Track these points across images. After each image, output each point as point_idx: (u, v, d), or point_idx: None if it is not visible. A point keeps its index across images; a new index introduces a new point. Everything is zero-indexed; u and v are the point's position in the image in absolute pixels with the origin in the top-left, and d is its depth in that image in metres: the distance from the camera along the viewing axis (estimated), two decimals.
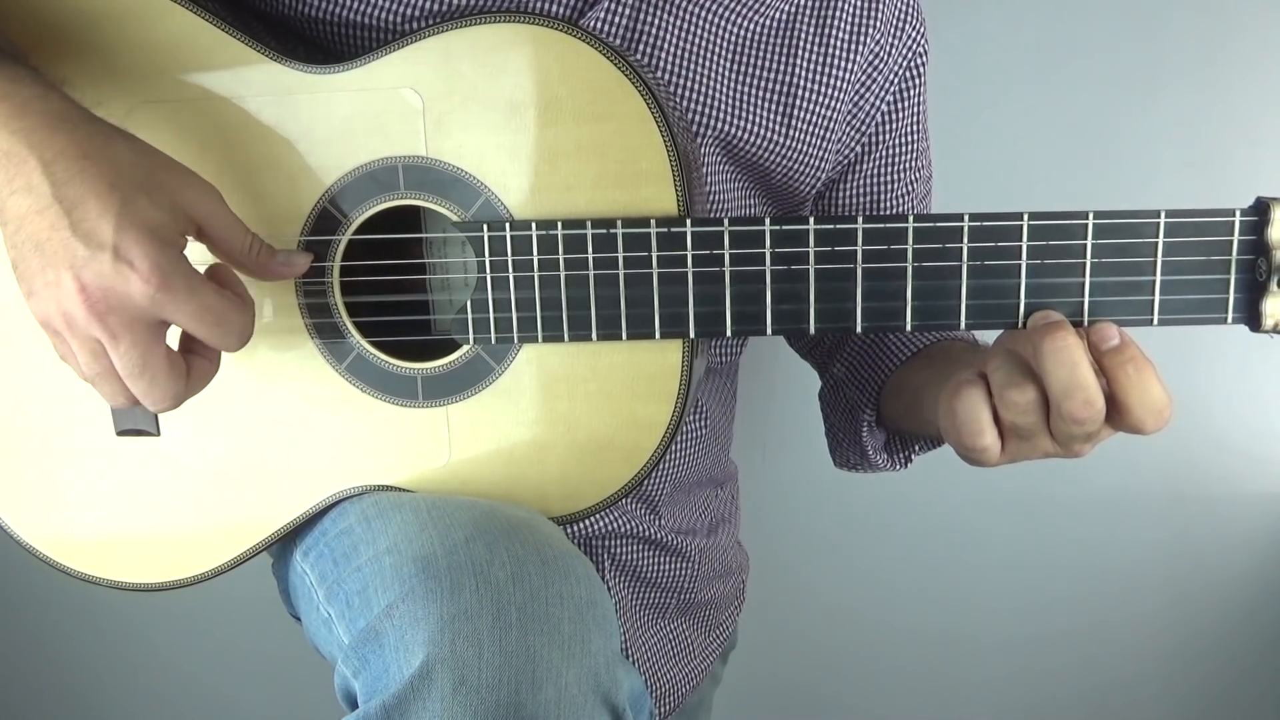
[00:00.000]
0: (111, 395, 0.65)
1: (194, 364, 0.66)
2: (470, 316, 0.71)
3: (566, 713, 0.58)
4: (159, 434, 0.77)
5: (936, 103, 0.95)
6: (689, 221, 0.67)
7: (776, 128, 0.83)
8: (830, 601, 1.52)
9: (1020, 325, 0.65)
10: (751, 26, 0.82)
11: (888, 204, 0.91)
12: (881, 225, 0.66)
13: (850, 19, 0.85)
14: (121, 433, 0.77)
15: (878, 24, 0.86)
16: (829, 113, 0.85)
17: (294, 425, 0.76)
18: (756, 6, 0.81)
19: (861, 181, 0.90)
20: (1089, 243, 0.64)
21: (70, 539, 0.79)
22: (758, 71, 0.82)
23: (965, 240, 0.65)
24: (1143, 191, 1.30)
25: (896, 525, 1.47)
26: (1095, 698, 1.54)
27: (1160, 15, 1.26)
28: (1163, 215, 0.63)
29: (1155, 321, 0.64)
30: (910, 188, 0.92)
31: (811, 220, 0.66)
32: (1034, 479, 1.33)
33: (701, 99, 0.80)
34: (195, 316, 0.62)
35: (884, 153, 0.90)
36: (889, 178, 0.91)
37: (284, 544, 0.83)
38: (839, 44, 0.84)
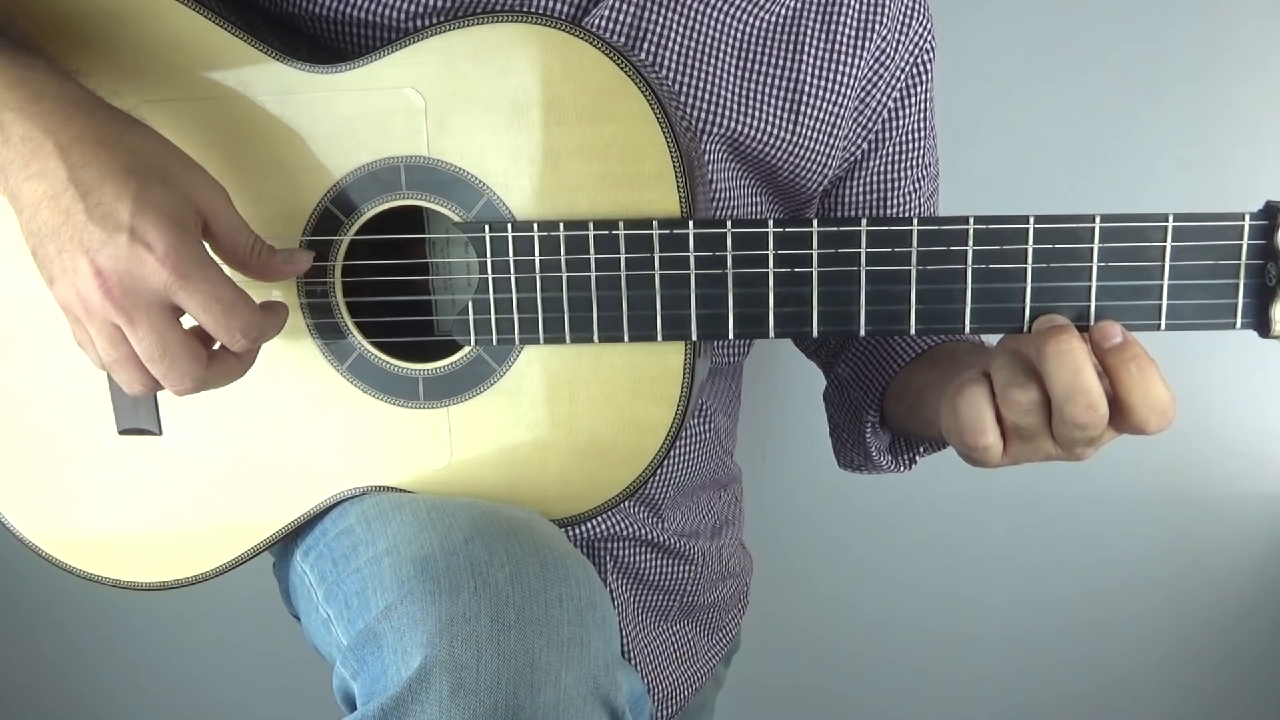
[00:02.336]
0: (128, 382, 0.64)
1: (216, 353, 0.66)
2: (472, 317, 0.71)
3: (565, 715, 0.58)
4: (161, 433, 0.77)
5: (939, 103, 0.94)
6: (691, 223, 0.67)
7: (783, 125, 0.82)
8: (833, 603, 1.51)
9: (1025, 330, 0.65)
10: (756, 23, 0.81)
11: (894, 201, 0.91)
12: (886, 228, 0.65)
13: (856, 15, 0.84)
14: (124, 431, 0.77)
15: (884, 20, 0.85)
16: (836, 109, 0.84)
17: (295, 425, 0.75)
18: (762, 3, 0.81)
19: (868, 179, 0.90)
20: (1095, 246, 0.63)
21: (72, 537, 0.79)
22: (763, 69, 0.82)
23: (970, 243, 0.64)
24: (1144, 192, 1.30)
25: (899, 526, 1.47)
26: (1095, 697, 1.54)
27: (1163, 17, 1.26)
28: (1171, 219, 0.62)
29: (1163, 326, 0.64)
30: (917, 185, 0.92)
31: (815, 222, 0.66)
32: (1035, 479, 1.33)
33: (707, 96, 0.79)
34: (204, 305, 0.61)
35: (890, 150, 0.90)
36: (895, 175, 0.90)
37: (284, 544, 0.82)
38: (845, 40, 0.84)
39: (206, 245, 0.65)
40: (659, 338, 0.69)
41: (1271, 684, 1.52)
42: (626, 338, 0.69)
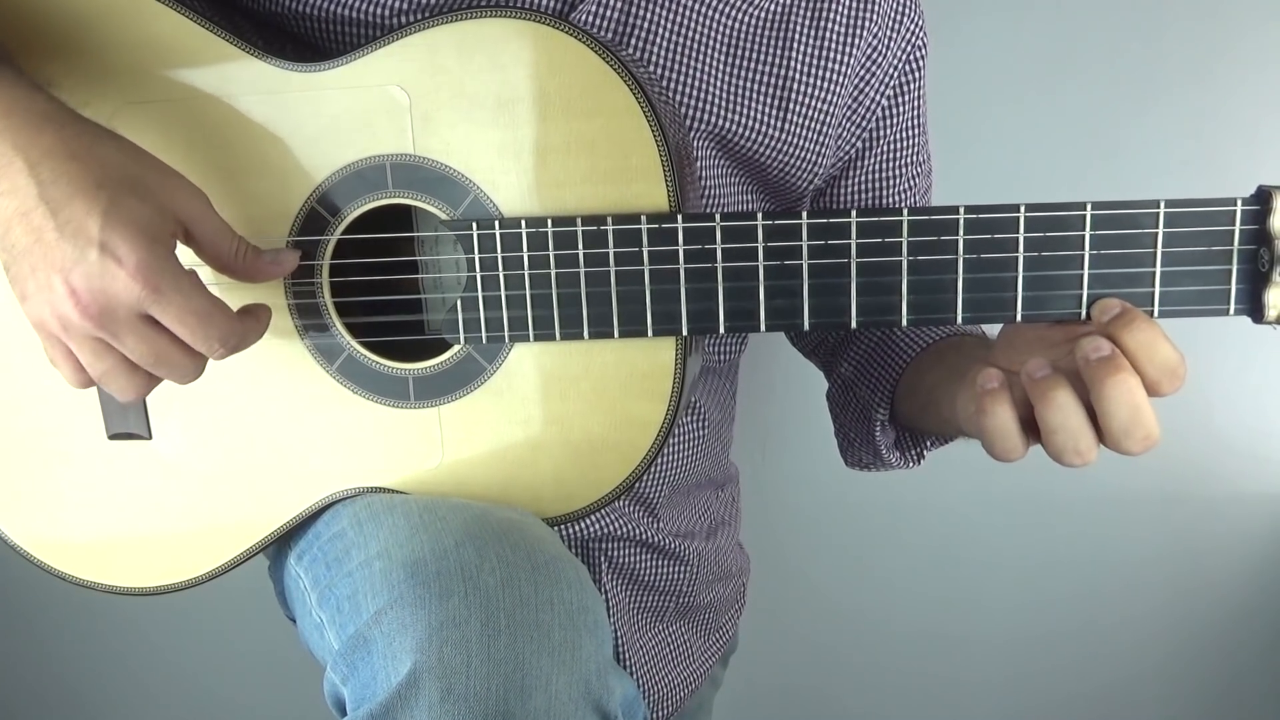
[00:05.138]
0: (121, 390, 0.64)
1: None
2: (460, 316, 0.70)
3: None
4: (151, 437, 0.76)
5: (935, 101, 0.94)
6: (680, 217, 0.66)
7: (771, 122, 0.82)
8: (832, 603, 1.51)
9: (1017, 318, 0.65)
10: (746, 19, 0.81)
11: (889, 200, 0.91)
12: (876, 219, 0.65)
13: (846, 12, 0.84)
14: (113, 436, 0.76)
15: (874, 18, 0.85)
16: (825, 106, 0.84)
17: (286, 427, 0.75)
18: None
19: (863, 178, 0.90)
20: (1087, 234, 0.63)
21: (64, 543, 0.79)
22: (752, 65, 0.81)
23: (961, 233, 0.64)
24: (1143, 192, 1.29)
25: (898, 526, 1.47)
26: (1095, 698, 1.53)
27: (1161, 16, 1.26)
28: (1162, 205, 0.62)
29: (1156, 313, 0.63)
30: (912, 183, 0.92)
31: (804, 214, 0.65)
32: (1034, 479, 1.32)
33: (695, 92, 0.79)
34: (179, 317, 0.61)
35: (885, 148, 0.89)
36: (890, 173, 0.90)
37: (279, 546, 0.82)
38: (834, 37, 0.83)
39: (190, 251, 0.65)
40: (649, 333, 0.68)
41: (1271, 684, 1.51)
42: (617, 333, 0.69)
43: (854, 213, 0.65)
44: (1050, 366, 0.62)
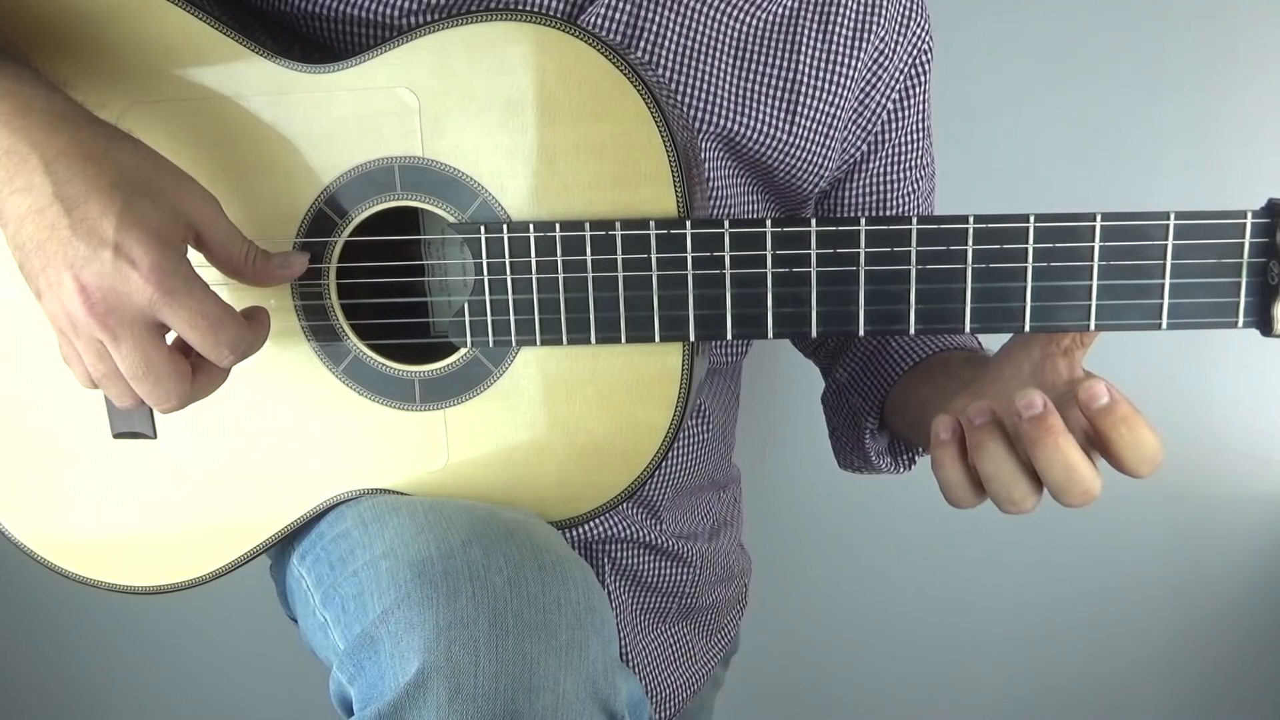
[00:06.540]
0: (118, 396, 0.64)
1: (200, 366, 0.65)
2: (468, 319, 0.70)
3: None
4: (156, 437, 0.76)
5: (939, 103, 0.94)
6: (688, 223, 0.66)
7: (779, 125, 0.82)
8: (833, 604, 1.51)
9: (1025, 328, 0.65)
10: (753, 22, 0.81)
11: (893, 202, 0.91)
12: (885, 227, 0.64)
13: (853, 16, 0.84)
14: (118, 435, 0.76)
15: (882, 21, 0.85)
16: (833, 109, 0.84)
17: (291, 428, 0.75)
18: (759, 1, 0.81)
19: (867, 180, 0.90)
20: (1096, 245, 0.63)
21: (67, 541, 0.79)
22: (760, 68, 0.81)
23: (970, 242, 0.64)
24: (1145, 193, 1.30)
25: (899, 527, 1.47)
26: (1095, 698, 1.54)
27: (1164, 17, 1.26)
28: (1172, 217, 0.62)
29: (1164, 325, 0.63)
30: (916, 186, 0.92)
31: (813, 222, 0.65)
32: None
33: (703, 96, 0.79)
34: (191, 321, 0.61)
35: (889, 151, 0.89)
36: (894, 176, 0.90)
37: (282, 547, 0.82)
38: (842, 40, 0.83)
39: (201, 255, 0.65)
40: (656, 338, 0.68)
41: (1272, 684, 1.51)
42: (624, 339, 0.69)
43: (863, 220, 0.65)
44: (990, 413, 0.62)
